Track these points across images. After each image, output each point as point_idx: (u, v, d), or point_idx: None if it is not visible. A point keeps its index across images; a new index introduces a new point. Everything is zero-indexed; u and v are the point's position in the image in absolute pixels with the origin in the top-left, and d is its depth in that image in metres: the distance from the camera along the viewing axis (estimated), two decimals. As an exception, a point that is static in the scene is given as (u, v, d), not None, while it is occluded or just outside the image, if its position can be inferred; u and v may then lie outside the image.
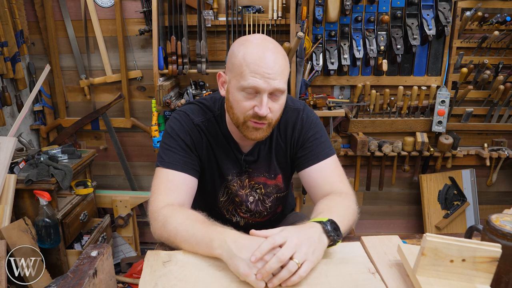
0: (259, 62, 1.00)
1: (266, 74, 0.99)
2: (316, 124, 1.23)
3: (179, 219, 0.98)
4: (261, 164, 1.24)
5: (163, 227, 1.00)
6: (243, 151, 1.22)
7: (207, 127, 1.19)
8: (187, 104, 1.24)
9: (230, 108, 1.09)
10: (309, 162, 1.19)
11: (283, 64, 1.03)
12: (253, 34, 1.11)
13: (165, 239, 1.00)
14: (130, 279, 2.20)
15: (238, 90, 1.04)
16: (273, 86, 1.01)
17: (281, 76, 1.02)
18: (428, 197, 2.59)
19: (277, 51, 1.04)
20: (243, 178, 1.25)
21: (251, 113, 1.04)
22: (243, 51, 1.02)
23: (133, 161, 2.67)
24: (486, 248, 0.74)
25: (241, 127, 1.09)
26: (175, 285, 0.82)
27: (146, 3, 2.30)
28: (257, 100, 1.03)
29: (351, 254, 0.94)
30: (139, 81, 2.50)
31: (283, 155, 1.25)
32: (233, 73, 1.05)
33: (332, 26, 2.30)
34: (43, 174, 1.95)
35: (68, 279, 0.80)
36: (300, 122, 1.21)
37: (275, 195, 1.31)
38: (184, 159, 1.14)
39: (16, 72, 2.25)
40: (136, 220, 2.57)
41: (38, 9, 2.35)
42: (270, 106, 1.04)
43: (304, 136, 1.21)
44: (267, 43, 1.04)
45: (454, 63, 2.35)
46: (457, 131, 2.50)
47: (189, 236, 0.94)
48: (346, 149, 2.51)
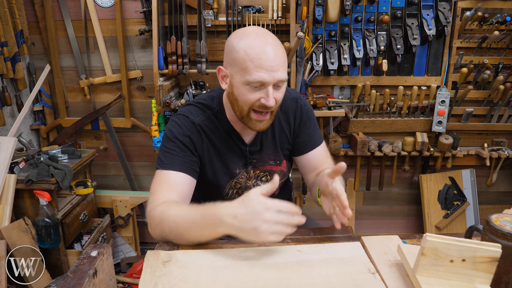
0: (262, 56, 1.04)
1: (269, 67, 1.04)
2: (311, 111, 1.36)
3: (174, 211, 1.00)
4: (265, 153, 1.30)
5: (161, 223, 1.01)
6: (246, 143, 1.27)
7: (207, 125, 1.22)
8: (186, 106, 1.27)
9: (235, 101, 1.13)
10: (309, 148, 1.32)
11: (283, 55, 1.09)
12: (248, 27, 1.15)
13: (166, 234, 1.01)
14: (130, 279, 2.20)
15: (243, 84, 1.08)
16: (277, 78, 1.07)
17: (283, 67, 1.08)
18: (428, 197, 2.59)
19: (276, 42, 1.09)
20: (249, 169, 1.30)
21: (258, 104, 1.10)
22: (244, 46, 1.06)
23: (133, 161, 2.67)
24: (486, 248, 0.74)
25: (245, 118, 1.15)
26: (175, 285, 0.82)
27: (146, 3, 2.30)
28: (262, 92, 1.08)
29: (351, 254, 0.95)
30: (139, 81, 2.50)
31: (287, 141, 1.33)
32: (236, 68, 1.09)
33: (332, 26, 2.30)
34: (43, 174, 1.95)
35: (68, 279, 0.80)
36: (300, 110, 1.31)
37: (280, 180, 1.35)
38: (183, 159, 1.16)
39: (16, 72, 2.25)
40: (136, 220, 2.57)
41: (38, 9, 2.35)
42: (275, 96, 1.09)
43: (303, 122, 1.32)
44: (266, 36, 1.08)
45: (454, 63, 2.35)
46: (457, 131, 2.50)
47: (189, 225, 0.96)
48: (346, 149, 2.51)
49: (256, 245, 1.01)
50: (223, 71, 1.15)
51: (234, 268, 0.90)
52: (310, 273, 0.87)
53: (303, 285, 0.83)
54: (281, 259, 0.93)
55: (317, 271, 0.88)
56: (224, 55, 1.14)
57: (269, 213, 0.86)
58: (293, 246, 1.00)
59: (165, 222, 1.00)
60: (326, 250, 0.97)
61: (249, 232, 0.87)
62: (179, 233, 0.98)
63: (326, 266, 0.89)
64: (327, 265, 0.90)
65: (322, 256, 0.94)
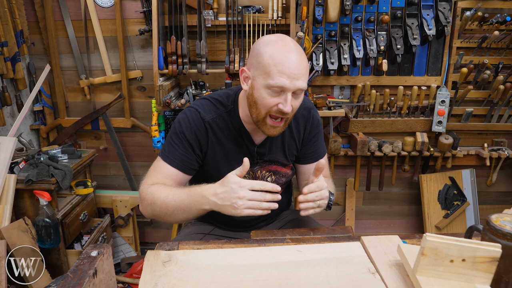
0: (286, 63, 1.08)
1: (292, 74, 1.08)
2: (320, 124, 1.40)
3: (164, 192, 1.14)
4: (273, 156, 1.33)
5: (152, 203, 1.15)
6: (255, 143, 1.30)
7: (217, 123, 1.26)
8: (200, 100, 1.31)
9: (254, 103, 1.16)
10: (313, 160, 1.38)
11: (306, 65, 1.13)
12: (275, 35, 1.18)
13: (157, 213, 1.15)
14: (130, 279, 2.21)
15: (264, 87, 1.11)
16: (297, 86, 1.10)
17: (304, 77, 1.12)
18: (428, 197, 2.59)
19: (300, 52, 1.12)
20: (255, 169, 1.33)
21: (275, 109, 1.13)
22: (270, 51, 1.10)
23: (133, 161, 2.67)
24: (486, 248, 0.74)
25: (260, 122, 1.18)
26: (175, 285, 0.82)
27: (146, 3, 2.30)
28: (281, 98, 1.11)
29: (351, 254, 0.95)
30: (139, 81, 2.50)
31: (295, 147, 1.36)
32: (259, 71, 1.12)
33: (332, 26, 2.30)
34: (43, 174, 1.95)
35: (68, 279, 0.80)
36: (312, 120, 1.36)
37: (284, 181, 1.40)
38: (183, 157, 1.23)
39: (16, 72, 2.25)
40: (136, 220, 2.57)
41: (38, 9, 2.35)
42: (292, 103, 1.13)
43: (312, 134, 1.37)
44: (291, 44, 1.12)
45: (454, 63, 2.35)
46: (457, 131, 2.50)
47: (178, 203, 1.11)
48: (346, 149, 2.51)
49: (256, 245, 1.01)
50: (246, 73, 1.18)
51: (234, 268, 0.90)
52: (310, 273, 0.87)
53: (303, 285, 0.83)
54: (281, 259, 0.93)
55: (317, 271, 0.87)
56: (249, 58, 1.18)
57: (243, 191, 1.00)
58: (293, 246, 1.00)
59: (156, 203, 1.14)
60: (326, 250, 0.97)
61: (227, 207, 1.02)
62: (169, 212, 1.12)
63: (326, 266, 0.89)
64: (327, 265, 0.90)
65: (322, 256, 0.94)
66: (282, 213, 1.54)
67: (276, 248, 0.98)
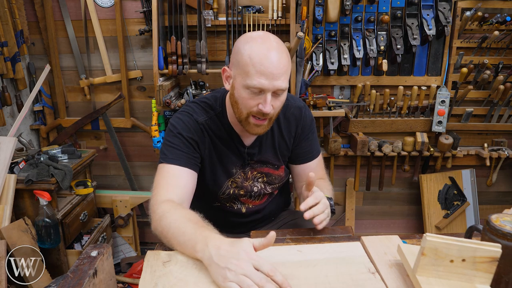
0: (265, 62, 1.04)
1: (270, 74, 1.04)
2: (313, 122, 1.37)
3: (174, 216, 0.99)
4: (264, 156, 1.31)
5: (159, 221, 1.02)
6: (245, 144, 1.28)
7: (209, 125, 1.24)
8: (189, 104, 1.28)
9: (235, 103, 1.14)
10: (307, 159, 1.36)
11: (286, 63, 1.08)
12: (257, 32, 1.14)
13: (159, 232, 1.02)
14: (130, 279, 2.21)
15: (243, 87, 1.08)
16: (277, 86, 1.06)
17: (284, 76, 1.07)
18: (428, 197, 2.59)
19: (281, 50, 1.08)
20: (246, 170, 1.31)
21: (255, 110, 1.10)
22: (249, 50, 1.06)
23: (133, 161, 2.67)
24: (486, 248, 0.74)
25: (244, 122, 1.15)
26: (175, 285, 0.82)
27: (146, 3, 2.30)
28: (261, 98, 1.08)
29: (351, 254, 0.95)
30: (139, 81, 2.50)
31: (286, 147, 1.33)
32: (238, 70, 1.09)
33: (332, 26, 2.30)
34: (43, 174, 1.95)
35: (68, 279, 0.80)
36: (303, 119, 1.32)
37: (277, 184, 1.38)
38: (187, 155, 1.18)
39: (16, 72, 2.25)
40: (136, 220, 2.57)
41: (38, 9, 2.35)
42: (273, 103, 1.10)
43: (305, 133, 1.33)
44: (272, 42, 1.07)
45: (454, 63, 2.35)
46: (457, 131, 2.50)
47: (179, 234, 0.94)
48: (346, 149, 2.51)
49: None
50: (228, 72, 1.16)
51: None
52: (310, 273, 0.87)
53: (303, 285, 0.83)
54: (281, 259, 0.93)
55: (317, 271, 0.87)
56: (231, 56, 1.15)
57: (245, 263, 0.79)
58: (293, 246, 1.00)
59: (162, 222, 1.00)
60: (326, 250, 0.97)
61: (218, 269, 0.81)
62: (168, 238, 0.97)
63: (326, 266, 0.89)
64: (327, 265, 0.90)
65: (322, 256, 0.94)
66: (280, 213, 1.53)
67: (276, 248, 0.98)
